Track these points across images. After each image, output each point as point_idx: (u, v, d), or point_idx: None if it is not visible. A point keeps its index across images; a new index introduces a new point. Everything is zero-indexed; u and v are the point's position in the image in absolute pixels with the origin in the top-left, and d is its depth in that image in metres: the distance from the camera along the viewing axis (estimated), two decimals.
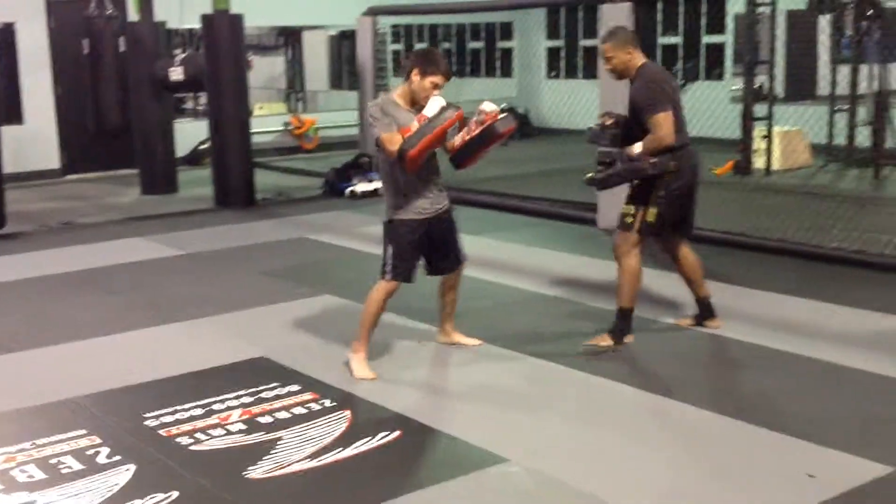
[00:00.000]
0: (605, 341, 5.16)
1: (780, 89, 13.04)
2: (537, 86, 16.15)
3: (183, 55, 9.94)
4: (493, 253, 7.53)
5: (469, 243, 7.83)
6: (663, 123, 4.95)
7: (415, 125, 4.67)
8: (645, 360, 5.09)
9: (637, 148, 5.06)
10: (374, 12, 10.57)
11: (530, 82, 16.26)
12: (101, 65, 9.98)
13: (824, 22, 12.46)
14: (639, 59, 5.12)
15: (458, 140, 4.85)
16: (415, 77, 4.75)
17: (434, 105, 4.68)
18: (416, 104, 4.78)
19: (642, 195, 5.07)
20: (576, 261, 7.27)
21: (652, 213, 5.03)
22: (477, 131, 4.77)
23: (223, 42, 9.50)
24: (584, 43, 15.20)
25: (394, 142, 4.67)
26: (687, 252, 5.37)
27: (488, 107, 4.76)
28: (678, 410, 4.38)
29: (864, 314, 5.63)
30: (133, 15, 10.92)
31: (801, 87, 12.83)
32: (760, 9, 11.27)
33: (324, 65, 17.52)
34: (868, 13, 10.51)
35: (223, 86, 9.57)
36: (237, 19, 9.62)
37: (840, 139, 11.32)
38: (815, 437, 3.97)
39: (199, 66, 9.68)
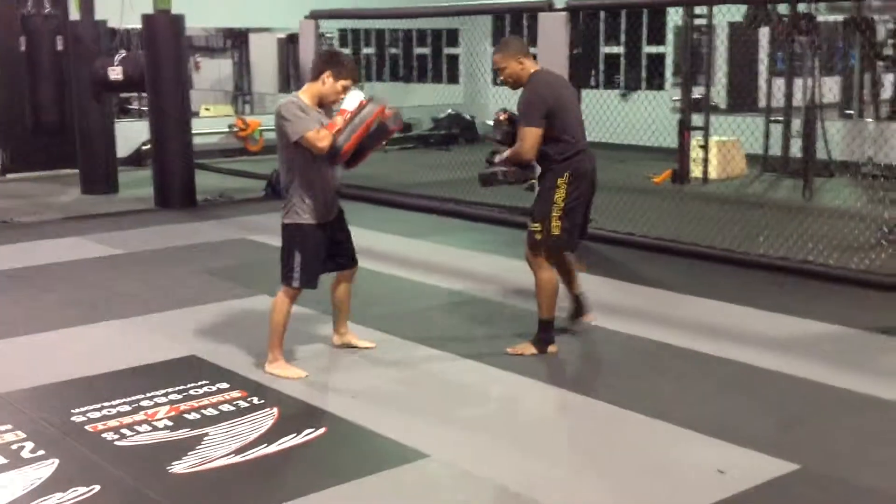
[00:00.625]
0: (529, 350, 5.23)
1: (721, 101, 13.38)
2: (483, 92, 16.30)
3: (122, 55, 9.87)
4: (430, 256, 7.63)
5: (407, 247, 7.98)
6: (527, 138, 5.02)
7: (339, 120, 4.73)
8: (566, 361, 5.21)
9: (503, 154, 5.18)
10: (316, 16, 10.61)
11: (477, 89, 16.41)
12: (37, 63, 9.90)
13: (763, 35, 12.78)
14: (530, 67, 5.14)
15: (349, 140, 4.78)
16: (327, 79, 4.78)
17: (353, 99, 4.76)
18: (323, 105, 4.85)
19: (544, 209, 5.12)
20: (510, 264, 7.35)
21: (556, 227, 5.09)
22: (365, 128, 4.76)
23: (164, 42, 9.48)
24: (531, 50, 15.36)
25: (320, 139, 4.69)
26: (568, 263, 5.45)
27: (351, 102, 4.75)
28: (596, 408, 4.51)
29: (785, 318, 5.81)
30: (74, 13, 10.84)
31: (742, 98, 13.12)
32: (697, 21, 11.52)
33: (273, 67, 17.51)
34: (801, 27, 10.77)
35: (163, 86, 9.55)
36: (178, 20, 9.61)
37: (776, 150, 11.63)
38: (728, 436, 4.11)
39: (138, 66, 9.65)
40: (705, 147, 11.21)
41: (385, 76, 17.46)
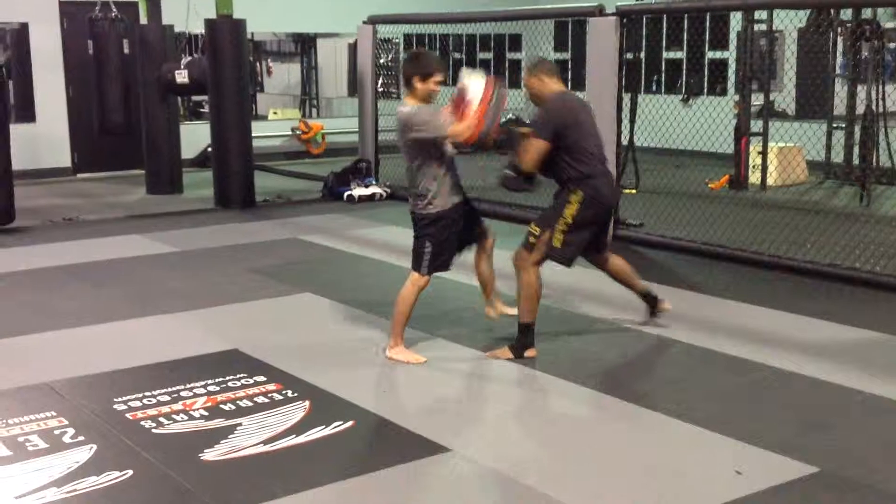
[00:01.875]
0: (506, 355, 5.24)
1: (789, 107, 13.19)
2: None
3: (188, 59, 10.17)
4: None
5: None
6: (529, 149, 5.11)
7: (473, 107, 4.84)
8: (595, 360, 5.25)
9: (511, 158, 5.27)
10: (374, 21, 10.80)
11: None
12: (104, 66, 10.25)
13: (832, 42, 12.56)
14: (551, 87, 5.22)
15: (472, 120, 4.91)
16: (418, 84, 5.00)
17: (476, 84, 4.90)
18: (426, 103, 5.05)
19: (550, 219, 5.19)
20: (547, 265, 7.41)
21: (558, 240, 5.16)
22: (485, 108, 4.90)
23: (225, 46, 9.74)
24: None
25: (463, 130, 4.88)
26: (612, 259, 5.54)
27: (471, 79, 4.96)
28: (621, 407, 4.54)
29: (824, 324, 5.77)
30: (143, 18, 11.19)
31: (811, 104, 12.89)
32: (759, 26, 11.40)
33: (343, 72, 17.76)
34: (865, 33, 10.60)
35: (225, 89, 9.81)
36: (240, 24, 9.86)
37: (840, 157, 11.45)
38: (749, 438, 4.11)
39: (203, 70, 9.93)
40: (763, 153, 11.08)
41: (448, 81, 17.57)
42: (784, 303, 6.19)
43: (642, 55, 14.61)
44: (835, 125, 11.61)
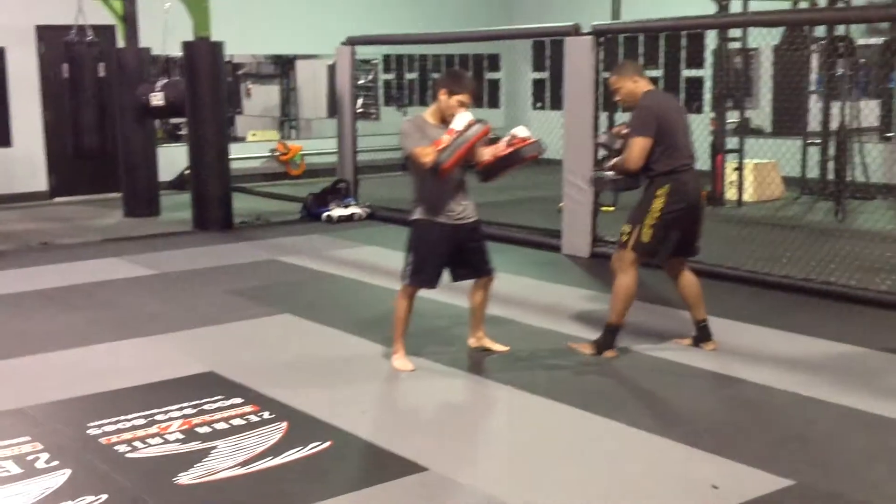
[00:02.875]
0: (587, 349, 5.40)
1: (765, 124, 13.30)
2: (523, 117, 16.38)
3: (164, 81, 10.16)
4: None
5: None
6: (634, 147, 5.24)
7: (445, 138, 5.04)
8: (574, 378, 5.25)
9: (612, 161, 5.40)
10: (353, 42, 10.83)
11: (516, 113, 16.51)
12: (80, 89, 10.21)
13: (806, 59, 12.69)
14: (643, 86, 5.38)
15: (487, 156, 5.27)
16: (442, 97, 5.15)
17: (462, 119, 5.07)
18: (445, 121, 5.16)
19: (639, 215, 5.31)
20: (536, 285, 7.45)
21: (647, 234, 5.26)
22: (507, 151, 5.23)
23: (203, 69, 9.74)
24: None
25: (426, 154, 5.06)
26: (687, 275, 5.58)
27: (521, 132, 5.25)
28: (597, 424, 4.55)
29: (799, 338, 5.82)
30: (120, 41, 11.19)
31: (786, 121, 12.99)
32: (734, 44, 11.51)
33: (322, 93, 17.79)
34: (839, 50, 10.72)
35: (202, 111, 9.80)
36: (217, 46, 9.86)
37: (816, 173, 11.55)
38: (726, 452, 4.13)
39: (180, 92, 9.91)
40: (739, 170, 11.17)
41: (427, 100, 17.63)
42: (760, 317, 6.23)
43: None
44: (809, 141, 11.72)
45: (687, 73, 14.34)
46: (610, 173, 5.45)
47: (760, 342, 5.77)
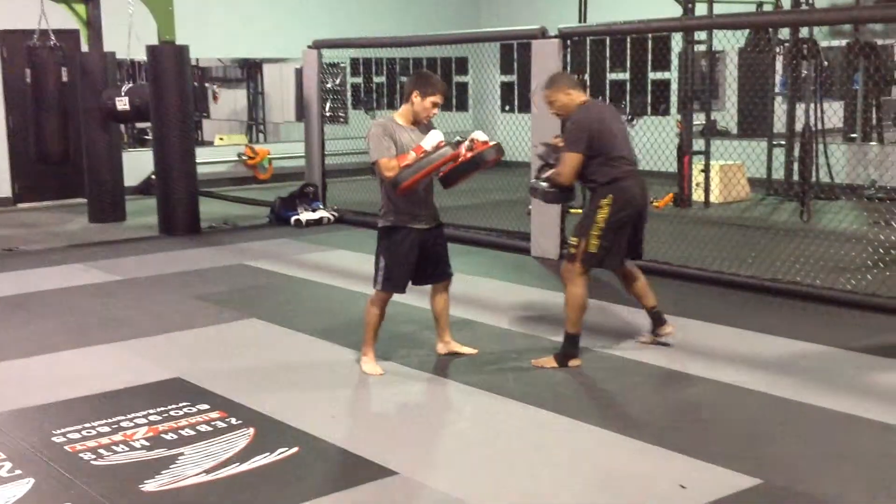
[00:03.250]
0: (551, 363, 5.35)
1: (731, 125, 13.41)
2: (492, 119, 16.43)
3: (129, 86, 10.07)
4: None
5: None
6: (566, 163, 5.26)
7: (412, 155, 5.01)
8: (540, 379, 5.24)
9: (546, 173, 5.38)
10: (319, 45, 10.80)
11: (485, 116, 16.54)
12: (43, 95, 10.10)
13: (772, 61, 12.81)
14: (578, 98, 5.38)
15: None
16: (415, 98, 5.10)
17: (432, 139, 5.05)
18: (418, 123, 5.17)
19: (585, 227, 5.32)
20: (504, 287, 7.45)
21: (594, 245, 5.28)
22: (468, 156, 5.10)
23: (168, 72, 9.66)
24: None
25: (389, 168, 5.04)
26: (633, 272, 5.66)
27: (480, 136, 5.15)
28: (566, 425, 4.55)
29: (765, 338, 5.85)
30: (84, 45, 11.08)
31: (752, 123, 13.11)
32: (698, 47, 11.59)
33: (290, 97, 17.72)
34: (803, 52, 10.83)
35: (168, 115, 9.72)
36: (182, 50, 9.79)
37: (781, 174, 11.67)
38: (694, 451, 4.14)
39: (144, 96, 9.83)
40: (706, 171, 11.25)
41: (396, 104, 17.62)
42: (727, 317, 6.26)
43: (587, 76, 14.77)
44: (775, 143, 11.83)
45: (653, 75, 14.43)
46: (544, 184, 5.44)
47: (727, 342, 5.80)
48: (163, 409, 4.81)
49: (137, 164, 12.50)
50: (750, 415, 4.65)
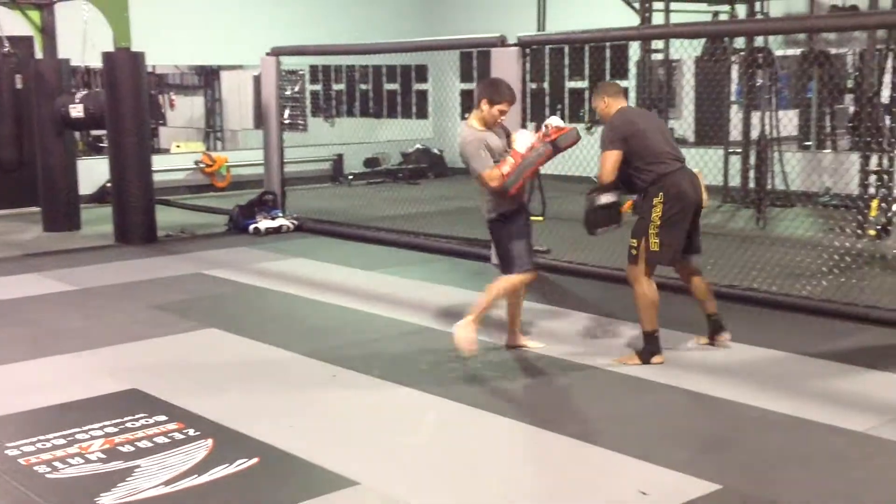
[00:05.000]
0: (634, 361, 5.51)
1: (688, 133, 13.54)
2: (452, 127, 16.43)
3: (84, 93, 9.94)
4: (386, 288, 7.69)
5: (365, 279, 8.04)
6: (605, 162, 5.46)
7: (510, 161, 5.33)
8: (501, 387, 5.25)
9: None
10: (277, 52, 10.74)
11: (445, 124, 16.55)
12: None
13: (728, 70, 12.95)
14: (614, 105, 5.60)
15: (497, 171, 5.38)
16: (484, 106, 5.41)
17: (524, 140, 5.34)
18: (489, 127, 5.44)
19: (642, 227, 5.49)
20: (464, 294, 7.44)
21: (654, 243, 5.45)
22: (526, 161, 5.33)
23: (124, 79, 9.55)
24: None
25: (493, 178, 5.34)
26: (693, 266, 5.82)
27: (555, 122, 5.39)
28: (526, 433, 4.56)
29: (728, 345, 5.88)
30: (38, 52, 10.94)
31: (709, 131, 13.25)
32: (655, 56, 11.70)
33: (248, 104, 17.62)
34: (758, 61, 10.97)
35: (123, 123, 9.61)
36: (138, 57, 9.69)
37: (737, 181, 11.80)
38: (653, 458, 4.16)
39: (99, 104, 9.72)
40: None
41: (356, 112, 17.60)
42: (685, 324, 6.29)
43: (546, 85, 14.85)
44: (731, 150, 11.97)
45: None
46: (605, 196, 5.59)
47: (684, 348, 5.84)
48: (119, 420, 4.74)
49: (93, 172, 12.34)
50: (708, 420, 4.69)
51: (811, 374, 5.33)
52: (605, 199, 5.60)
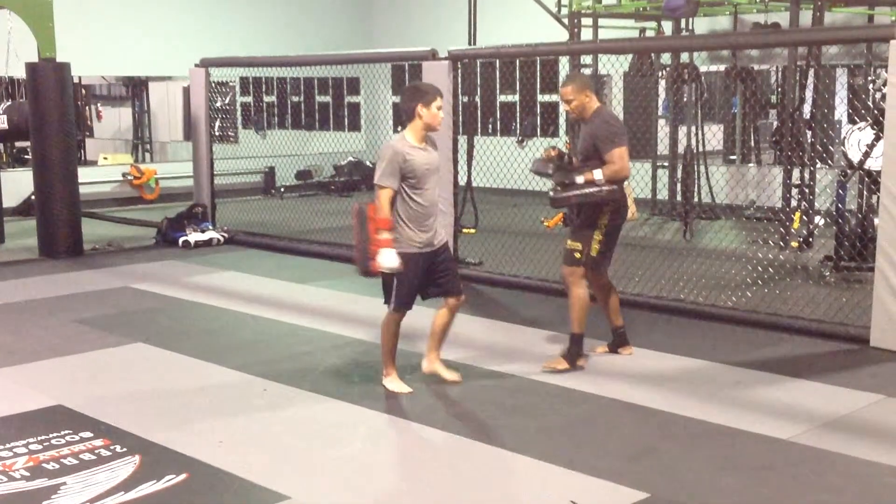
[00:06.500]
0: (562, 365, 5.58)
1: None
2: (384, 140, 16.41)
3: (7, 104, 9.73)
4: (318, 301, 7.65)
5: (296, 292, 7.99)
6: (624, 157, 5.49)
7: (580, 180, 5.44)
8: (433, 400, 5.27)
9: (598, 174, 5.49)
10: (207, 64, 10.64)
11: (377, 136, 16.54)
12: None
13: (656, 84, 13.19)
14: (595, 102, 5.61)
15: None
16: (422, 111, 5.14)
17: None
18: (426, 140, 5.20)
19: (587, 233, 5.56)
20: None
21: (595, 248, 5.56)
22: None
23: (48, 90, 9.37)
24: None
25: (381, 200, 5.05)
26: (609, 286, 5.89)
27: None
28: (457, 444, 4.58)
29: (650, 353, 6.01)
30: None
31: (637, 145, 13.44)
32: (585, 70, 11.85)
33: (178, 116, 17.40)
34: (684, 77, 11.19)
35: (48, 134, 9.42)
36: (64, 67, 9.51)
37: (664, 194, 12.01)
38: (582, 467, 4.21)
39: (23, 114, 9.52)
40: None
41: (287, 124, 17.49)
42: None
43: (477, 98, 14.94)
44: (658, 164, 12.18)
45: (542, 97, 14.69)
46: (590, 189, 5.48)
47: (614, 359, 5.92)
48: (44, 437, 4.65)
49: (16, 185, 12.08)
50: (636, 429, 4.76)
51: (737, 384, 5.44)
52: (579, 179, 5.57)
